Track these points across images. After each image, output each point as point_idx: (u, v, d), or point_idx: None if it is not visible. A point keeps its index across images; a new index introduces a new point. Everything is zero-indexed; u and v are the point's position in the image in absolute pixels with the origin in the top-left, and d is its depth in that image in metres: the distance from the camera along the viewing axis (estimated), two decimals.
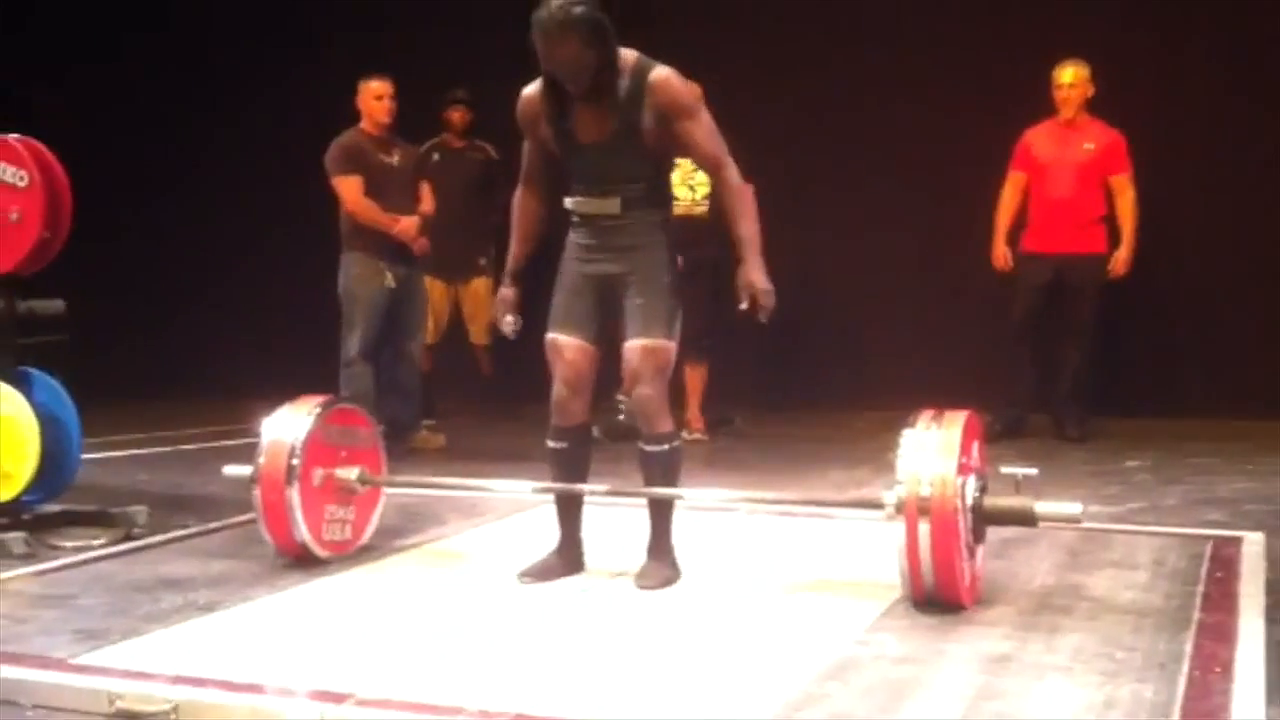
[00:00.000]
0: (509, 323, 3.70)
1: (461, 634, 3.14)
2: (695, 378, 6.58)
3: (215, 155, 8.52)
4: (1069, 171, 6.29)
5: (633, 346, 3.51)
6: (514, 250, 3.73)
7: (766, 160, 6.23)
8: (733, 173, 3.51)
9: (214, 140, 8.53)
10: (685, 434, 6.48)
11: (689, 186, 6.34)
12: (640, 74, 3.42)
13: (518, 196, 3.73)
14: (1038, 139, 6.39)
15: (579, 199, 3.56)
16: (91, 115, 8.13)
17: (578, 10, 3.30)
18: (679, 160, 4.37)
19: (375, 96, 6.09)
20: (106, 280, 7.75)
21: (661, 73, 3.43)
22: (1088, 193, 6.31)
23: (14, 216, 4.20)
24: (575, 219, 3.60)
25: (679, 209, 4.75)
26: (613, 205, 3.51)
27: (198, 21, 8.52)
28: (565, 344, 3.58)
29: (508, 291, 3.72)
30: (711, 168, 3.52)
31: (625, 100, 3.41)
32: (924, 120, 7.27)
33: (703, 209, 6.27)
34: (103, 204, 5.48)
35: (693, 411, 6.66)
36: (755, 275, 3.44)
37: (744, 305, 3.47)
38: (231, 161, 8.41)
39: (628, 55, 3.44)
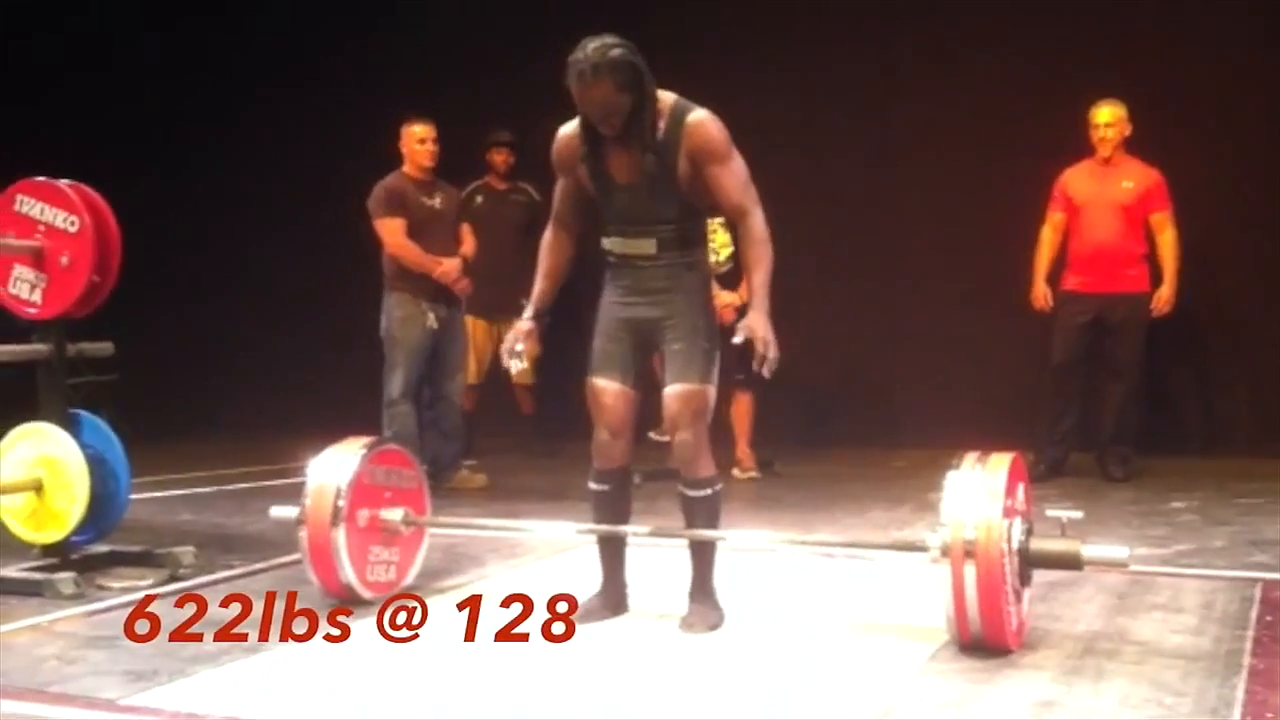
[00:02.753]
0: (518, 353, 3.64)
1: (504, 676, 3.15)
2: (742, 412, 6.57)
3: (261, 198, 8.63)
4: (1108, 211, 6.27)
5: (671, 393, 3.52)
6: (538, 286, 3.72)
7: (806, 203, 6.27)
8: (757, 222, 3.47)
9: (259, 183, 8.64)
10: (737, 472, 6.49)
11: (711, 250, 6.29)
12: (678, 116, 3.44)
13: (547, 235, 3.72)
14: (1075, 179, 6.37)
15: (615, 239, 3.57)
16: (138, 160, 8.25)
17: (613, 54, 3.34)
18: None
19: (418, 140, 6.16)
20: (154, 322, 7.87)
21: (699, 115, 3.45)
22: (1128, 232, 6.28)
23: (64, 261, 4.26)
24: (611, 259, 3.62)
25: None
26: (648, 246, 3.53)
27: (243, 68, 8.65)
28: (604, 389, 3.60)
29: (526, 325, 3.67)
30: (736, 215, 3.50)
31: (661, 142, 3.43)
32: (963, 161, 7.29)
33: (725, 269, 6.25)
34: (152, 247, 5.56)
35: (742, 449, 6.64)
36: (757, 323, 3.39)
37: (737, 340, 3.40)
38: (277, 204, 8.52)
39: (666, 98, 3.47)
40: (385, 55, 8.44)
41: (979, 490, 3.18)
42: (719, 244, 6.30)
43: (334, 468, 3.79)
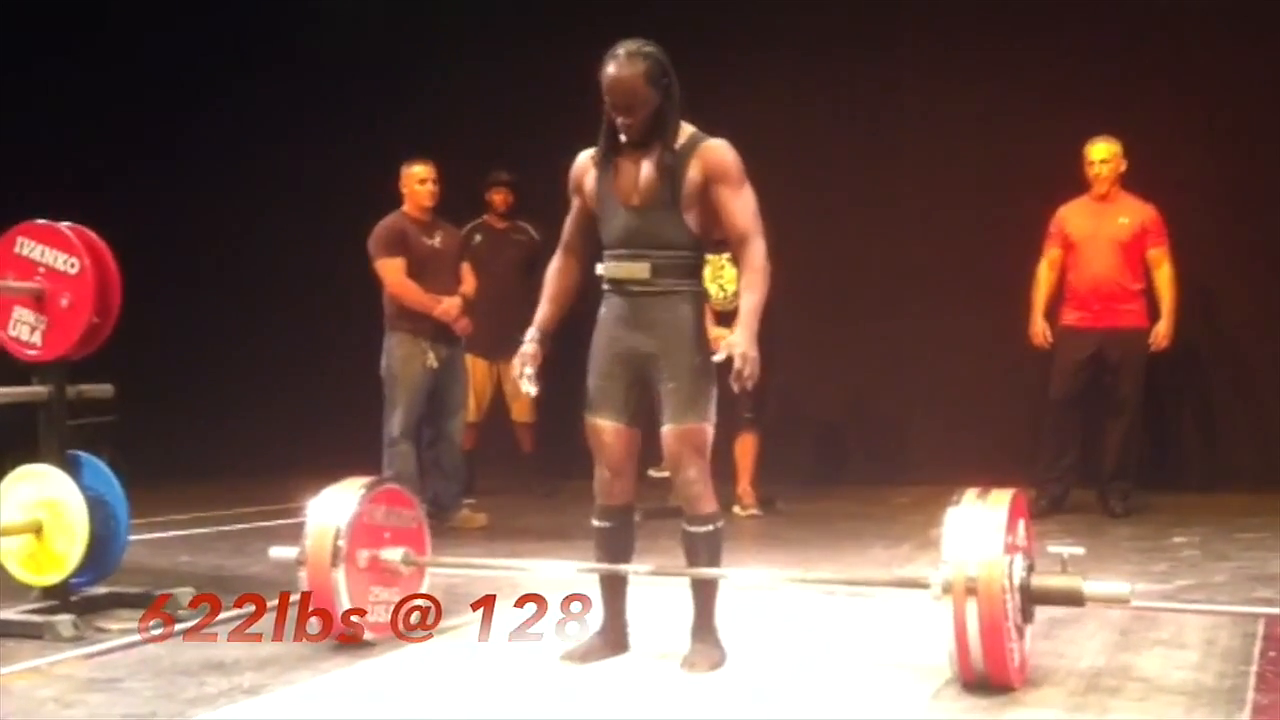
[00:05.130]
0: (529, 377, 3.63)
1: (505, 717, 3.13)
2: (746, 450, 6.56)
3: (260, 238, 8.66)
4: (1105, 247, 6.29)
5: (669, 432, 3.52)
6: (542, 309, 3.73)
7: (806, 240, 6.30)
8: (758, 250, 3.48)
9: (259, 223, 8.67)
10: (738, 509, 6.48)
11: (719, 285, 6.31)
12: (696, 139, 3.51)
13: (554, 261, 3.73)
14: (1072, 215, 6.40)
15: (610, 264, 3.58)
16: (138, 202, 8.28)
17: (648, 48, 3.45)
18: (709, 257, 4.37)
19: (418, 181, 6.18)
20: (154, 363, 7.88)
21: (717, 140, 3.52)
22: (1125, 267, 6.30)
23: (65, 303, 4.26)
24: (606, 287, 3.62)
25: (713, 308, 4.74)
26: (642, 270, 3.52)
27: (244, 109, 8.69)
28: (603, 427, 3.59)
29: (532, 348, 3.67)
30: (739, 239, 3.51)
31: (675, 159, 3.46)
32: (963, 200, 7.34)
33: (734, 305, 6.24)
34: (152, 289, 5.57)
35: (743, 486, 6.62)
36: (742, 338, 3.41)
37: (719, 357, 3.43)
38: (276, 244, 8.54)
39: (686, 127, 3.53)
40: (385, 96, 8.48)
41: (980, 527, 3.17)
42: (727, 279, 6.27)
43: (334, 508, 3.79)
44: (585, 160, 3.63)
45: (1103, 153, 6.29)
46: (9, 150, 7.93)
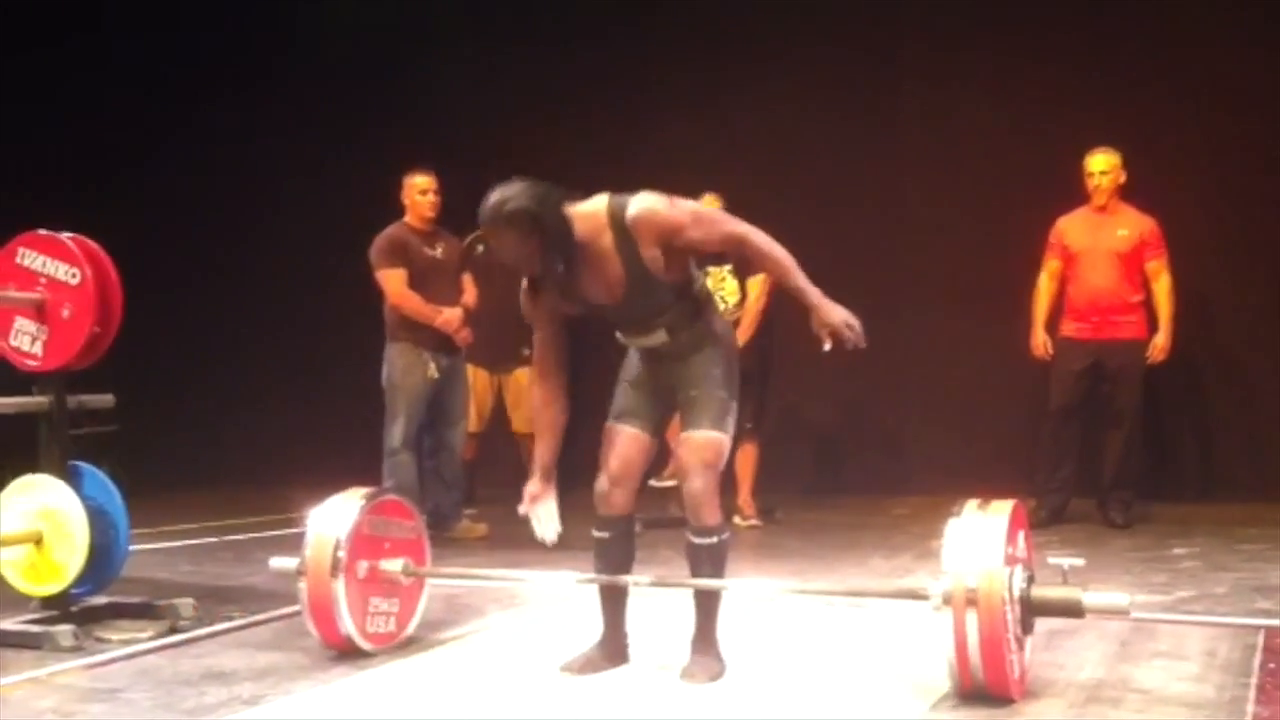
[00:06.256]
0: (546, 524, 3.60)
1: None
2: (745, 461, 6.56)
3: (261, 248, 8.65)
4: (1104, 259, 6.29)
5: (683, 439, 3.53)
6: (540, 449, 3.67)
7: (804, 251, 6.25)
8: (756, 239, 3.43)
9: (260, 234, 8.67)
10: (738, 520, 6.48)
11: (720, 299, 6.31)
12: (617, 219, 3.38)
13: (536, 394, 3.67)
14: (1071, 227, 6.40)
15: (626, 337, 3.60)
16: (139, 212, 8.29)
17: (509, 207, 3.32)
18: (710, 270, 4.37)
19: (419, 191, 6.19)
20: (155, 373, 7.88)
21: (637, 208, 3.36)
22: (1124, 279, 6.30)
23: (66, 313, 4.28)
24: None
25: None
26: (659, 338, 3.54)
27: (245, 119, 8.70)
28: (620, 432, 3.60)
29: (540, 489, 3.63)
30: (734, 249, 3.49)
31: (619, 251, 3.39)
32: (963, 211, 7.35)
33: (736, 316, 6.26)
34: (153, 299, 5.58)
35: (744, 497, 6.62)
36: (830, 315, 3.29)
37: (827, 348, 3.31)
38: (277, 255, 8.54)
39: (598, 206, 3.41)
40: (387, 106, 8.49)
41: (980, 538, 3.17)
42: (728, 291, 6.34)
43: (334, 518, 3.79)
44: (529, 294, 3.59)
45: (1102, 164, 6.29)
46: (10, 161, 7.94)
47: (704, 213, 3.49)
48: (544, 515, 3.62)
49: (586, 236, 3.39)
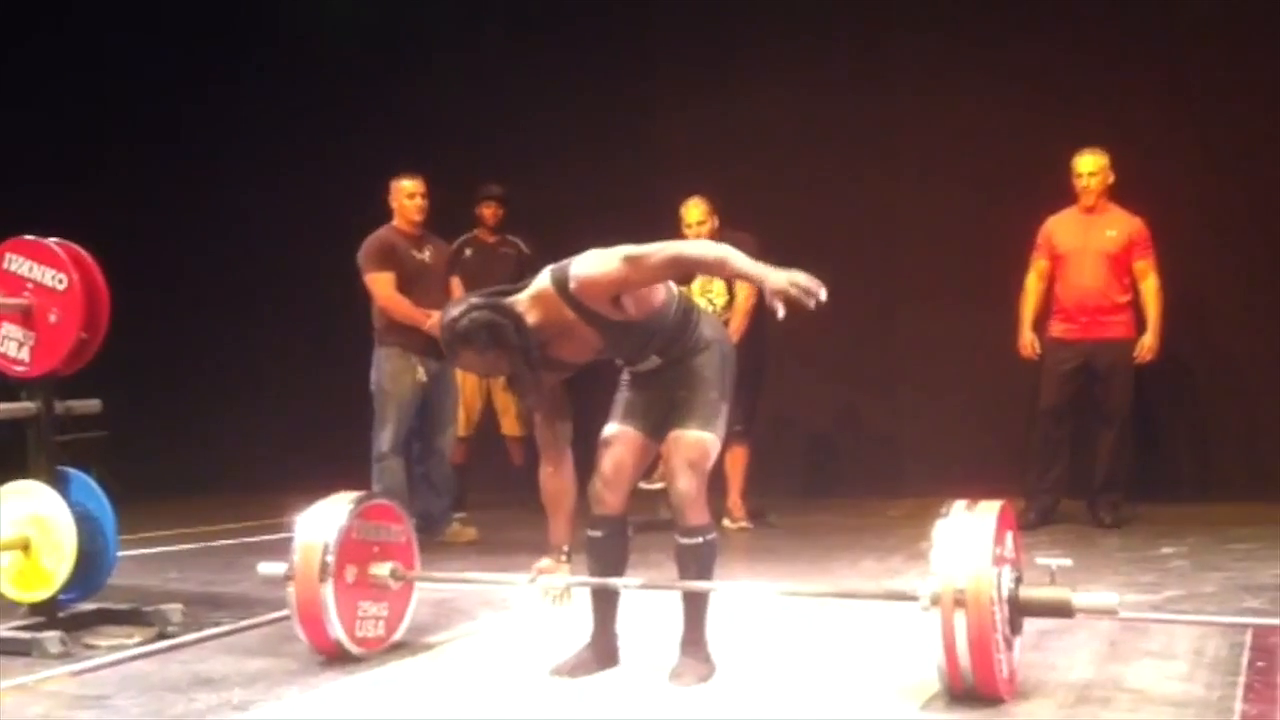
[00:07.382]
0: (562, 597, 3.60)
1: None
2: (736, 463, 6.56)
3: (249, 253, 8.64)
4: (1092, 259, 6.30)
5: (671, 438, 3.53)
6: (554, 527, 3.67)
7: (795, 253, 6.26)
8: (687, 251, 3.52)
9: (248, 238, 8.65)
10: (728, 523, 6.47)
11: (708, 300, 6.31)
12: (565, 292, 3.37)
13: (545, 475, 3.65)
14: (1059, 227, 6.41)
15: (622, 365, 3.64)
16: (127, 216, 8.27)
17: (462, 325, 3.32)
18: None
19: (407, 195, 6.19)
20: (143, 379, 7.86)
21: (574, 283, 3.35)
22: (1112, 279, 6.31)
23: (53, 318, 4.26)
24: None
25: None
26: (652, 364, 3.57)
27: (234, 125, 8.69)
28: (616, 434, 3.60)
29: (549, 563, 3.64)
30: (674, 271, 3.45)
31: (581, 318, 3.40)
32: (953, 209, 7.35)
33: (725, 318, 6.25)
34: (140, 305, 5.56)
35: (733, 499, 6.61)
36: (774, 282, 3.23)
37: (781, 315, 3.26)
38: (265, 259, 8.53)
39: (543, 284, 3.40)
40: (375, 110, 8.49)
41: (968, 539, 3.17)
42: (716, 292, 6.36)
43: (322, 523, 3.78)
44: (513, 390, 3.66)
45: (1090, 165, 6.30)
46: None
47: (633, 254, 3.36)
48: (556, 594, 3.62)
49: (546, 317, 3.40)
